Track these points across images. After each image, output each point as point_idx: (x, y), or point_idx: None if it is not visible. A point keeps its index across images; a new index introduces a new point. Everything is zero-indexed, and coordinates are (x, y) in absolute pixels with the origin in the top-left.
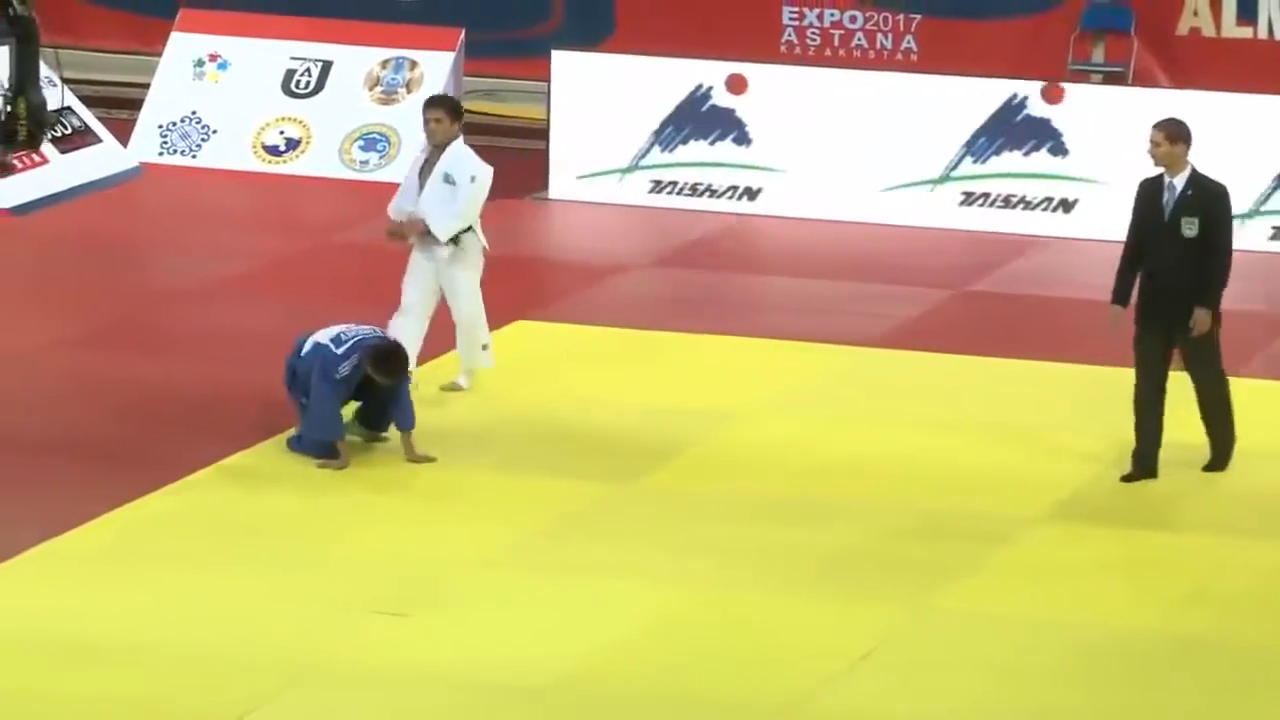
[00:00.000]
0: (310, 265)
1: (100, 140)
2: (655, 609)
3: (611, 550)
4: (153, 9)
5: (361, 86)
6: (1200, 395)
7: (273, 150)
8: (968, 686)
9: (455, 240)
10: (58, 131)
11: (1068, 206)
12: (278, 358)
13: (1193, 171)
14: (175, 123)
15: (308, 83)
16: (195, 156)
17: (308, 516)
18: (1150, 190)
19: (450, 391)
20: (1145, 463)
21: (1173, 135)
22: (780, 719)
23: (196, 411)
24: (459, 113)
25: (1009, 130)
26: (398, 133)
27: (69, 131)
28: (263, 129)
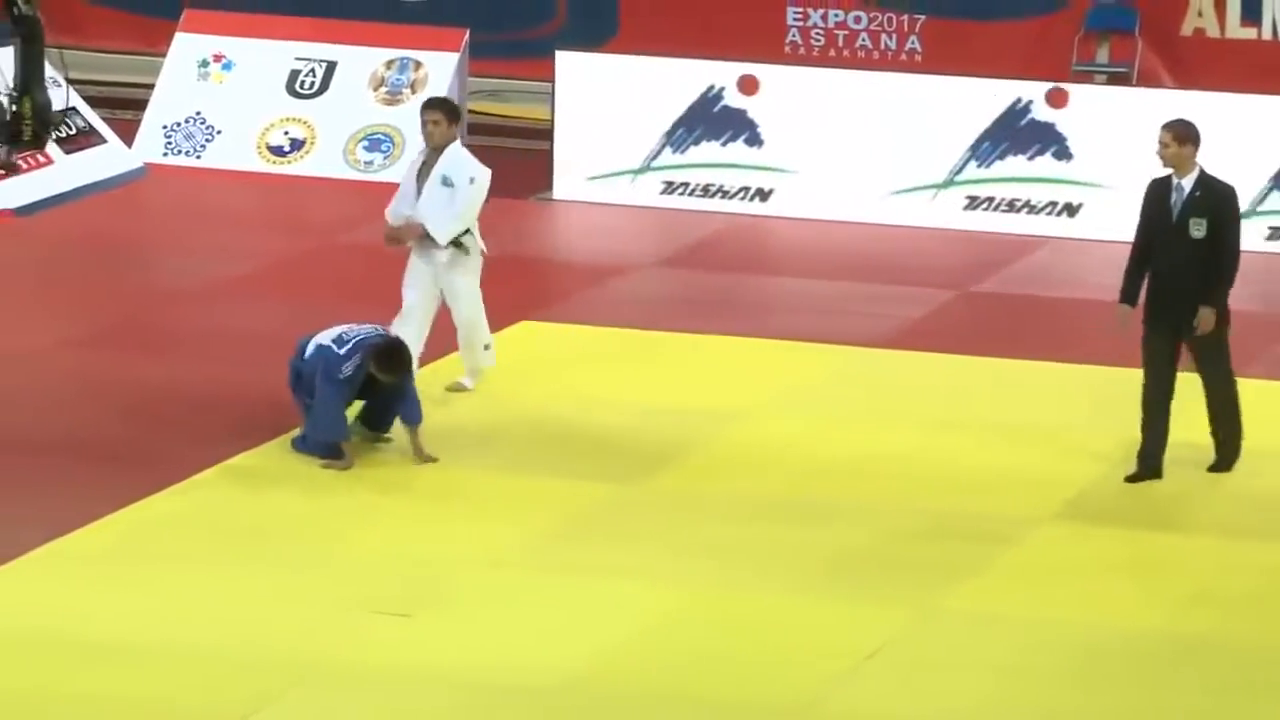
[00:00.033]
0: (315, 266)
1: (105, 141)
2: (659, 609)
3: (615, 551)
4: (157, 9)
5: (366, 87)
6: (1209, 395)
7: (277, 151)
8: (972, 687)
9: (455, 243)
10: (62, 132)
11: (1072, 211)
12: (282, 358)
13: (1201, 172)
14: (180, 123)
15: (312, 83)
16: (200, 157)
17: (312, 517)
18: (1158, 191)
19: (455, 392)
20: (1150, 462)
21: (1181, 136)
22: None
23: (201, 412)
24: (457, 115)
25: (1013, 134)
26: (402, 133)
27: (74, 132)
28: (267, 129)
